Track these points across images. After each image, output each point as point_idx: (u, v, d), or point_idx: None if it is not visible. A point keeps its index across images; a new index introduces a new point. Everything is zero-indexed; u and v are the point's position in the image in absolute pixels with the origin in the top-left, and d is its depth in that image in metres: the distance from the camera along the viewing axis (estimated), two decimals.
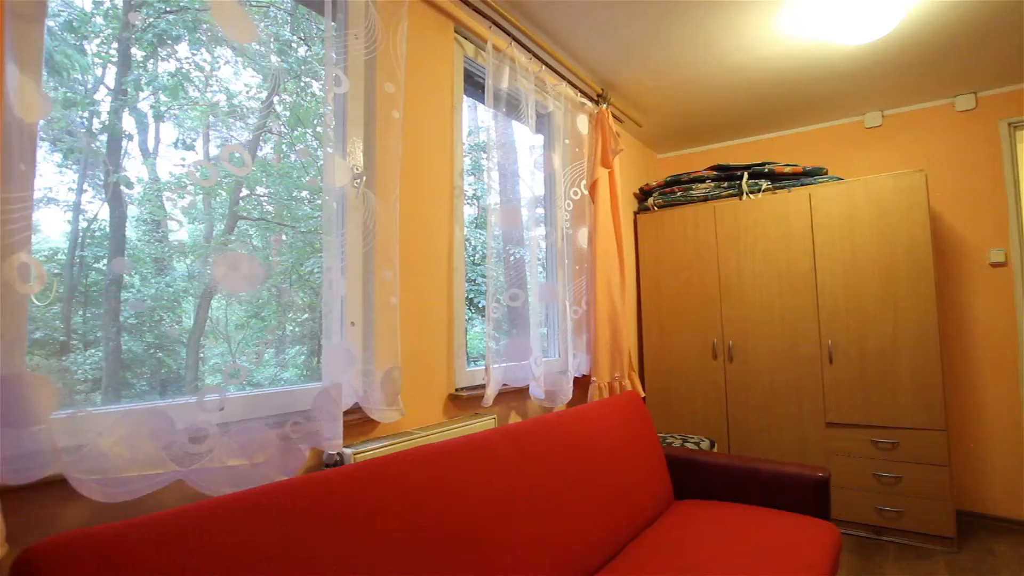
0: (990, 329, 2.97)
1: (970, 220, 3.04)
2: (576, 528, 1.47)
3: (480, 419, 1.81)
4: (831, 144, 3.46)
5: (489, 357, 1.86)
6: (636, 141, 3.65)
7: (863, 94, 3.06)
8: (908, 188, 2.68)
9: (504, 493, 1.32)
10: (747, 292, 3.07)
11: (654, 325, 3.37)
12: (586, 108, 2.62)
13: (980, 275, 3.00)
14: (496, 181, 2.09)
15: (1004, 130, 2.98)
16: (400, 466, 1.14)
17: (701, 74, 2.74)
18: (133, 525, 0.77)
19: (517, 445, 1.47)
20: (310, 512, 0.94)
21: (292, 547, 0.89)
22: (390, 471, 1.11)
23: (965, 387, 3.02)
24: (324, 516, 0.96)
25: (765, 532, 1.66)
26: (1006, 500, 2.89)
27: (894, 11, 2.15)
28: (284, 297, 1.63)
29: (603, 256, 2.50)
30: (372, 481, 1.06)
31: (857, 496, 2.75)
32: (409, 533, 1.06)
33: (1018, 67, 2.75)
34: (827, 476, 1.88)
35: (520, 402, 2.17)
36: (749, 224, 3.08)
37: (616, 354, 2.53)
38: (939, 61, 2.67)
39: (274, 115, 1.64)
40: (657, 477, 1.98)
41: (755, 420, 3.02)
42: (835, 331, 2.83)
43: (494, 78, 2.00)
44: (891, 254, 2.70)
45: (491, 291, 1.91)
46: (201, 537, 0.81)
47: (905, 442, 2.65)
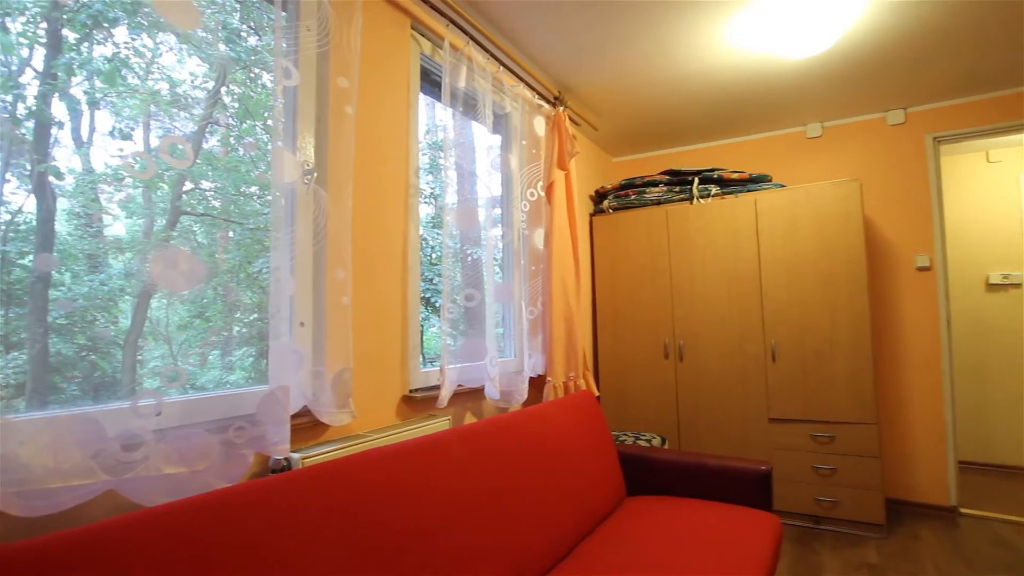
0: (916, 329, 3.18)
1: (899, 227, 3.25)
2: (531, 527, 1.48)
3: (435, 420, 1.80)
4: (775, 152, 3.63)
5: (444, 357, 1.84)
6: (592, 144, 3.71)
7: (805, 106, 3.22)
8: (844, 196, 2.84)
9: (458, 494, 1.31)
10: (697, 294, 3.17)
11: (609, 325, 3.43)
12: (543, 110, 2.64)
13: (907, 279, 3.22)
14: (454, 180, 2.08)
15: (929, 144, 3.20)
16: (350, 470, 1.11)
17: (654, 81, 2.81)
18: (55, 540, 0.73)
19: (471, 446, 1.46)
20: (254, 520, 0.91)
21: (233, 557, 0.86)
22: (340, 475, 1.08)
23: (893, 383, 3.23)
24: (269, 523, 0.92)
25: (711, 524, 1.72)
26: (929, 488, 3.11)
27: (833, 28, 2.28)
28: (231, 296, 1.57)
29: (559, 257, 2.53)
30: (320, 486, 1.04)
31: (797, 488, 2.89)
32: (359, 538, 1.04)
33: (942, 87, 2.96)
34: (769, 470, 1.97)
35: (475, 403, 2.17)
36: (699, 228, 3.19)
37: (571, 354, 2.56)
38: (873, 77, 2.84)
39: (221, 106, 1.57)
40: (610, 474, 2.02)
41: (704, 417, 3.12)
42: (778, 331, 2.96)
43: (451, 77, 1.99)
44: (829, 258, 2.86)
45: (447, 291, 1.90)
46: (132, 550, 0.77)
47: (840, 436, 2.80)
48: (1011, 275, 3.90)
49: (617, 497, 2.02)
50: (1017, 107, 3.03)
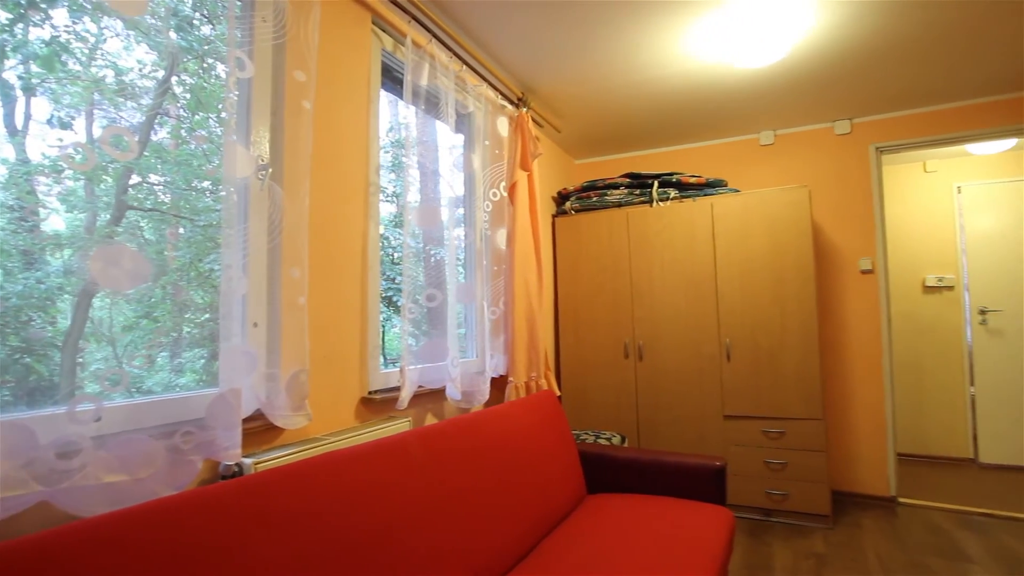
0: (859, 329, 3.35)
1: (844, 232, 3.42)
2: (492, 527, 1.48)
3: (395, 422, 1.77)
4: (730, 158, 3.75)
5: (405, 358, 1.82)
6: (555, 146, 3.75)
7: (758, 114, 3.34)
8: (794, 202, 2.96)
9: (419, 496, 1.30)
10: (656, 295, 3.24)
11: (570, 326, 3.47)
12: (507, 111, 2.65)
13: (852, 281, 3.38)
14: (416, 179, 2.06)
15: (872, 154, 3.38)
16: (305, 474, 1.08)
17: (616, 85, 2.86)
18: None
19: (432, 447, 1.45)
20: (201, 528, 0.87)
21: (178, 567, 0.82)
22: (294, 480, 1.05)
23: (838, 380, 3.39)
24: (217, 531, 0.89)
25: (668, 520, 1.76)
26: (871, 480, 3.28)
27: (784, 41, 2.37)
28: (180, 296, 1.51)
29: (521, 257, 2.54)
30: (273, 491, 1.01)
31: (750, 482, 2.99)
32: (315, 544, 1.01)
33: (885, 100, 3.13)
34: (723, 465, 2.03)
35: (437, 404, 2.15)
36: (659, 230, 3.26)
37: (533, 354, 2.57)
38: (821, 89, 2.98)
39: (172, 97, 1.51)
40: (571, 473, 2.04)
41: (662, 415, 3.20)
42: (733, 331, 3.06)
43: (413, 74, 1.97)
44: (780, 261, 2.97)
45: (408, 291, 1.88)
46: (64, 564, 0.72)
47: (790, 431, 2.92)
48: (945, 278, 4.16)
49: (578, 495, 2.04)
50: (952, 121, 3.23)
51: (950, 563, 2.43)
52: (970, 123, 3.19)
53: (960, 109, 3.21)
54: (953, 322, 4.13)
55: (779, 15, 2.21)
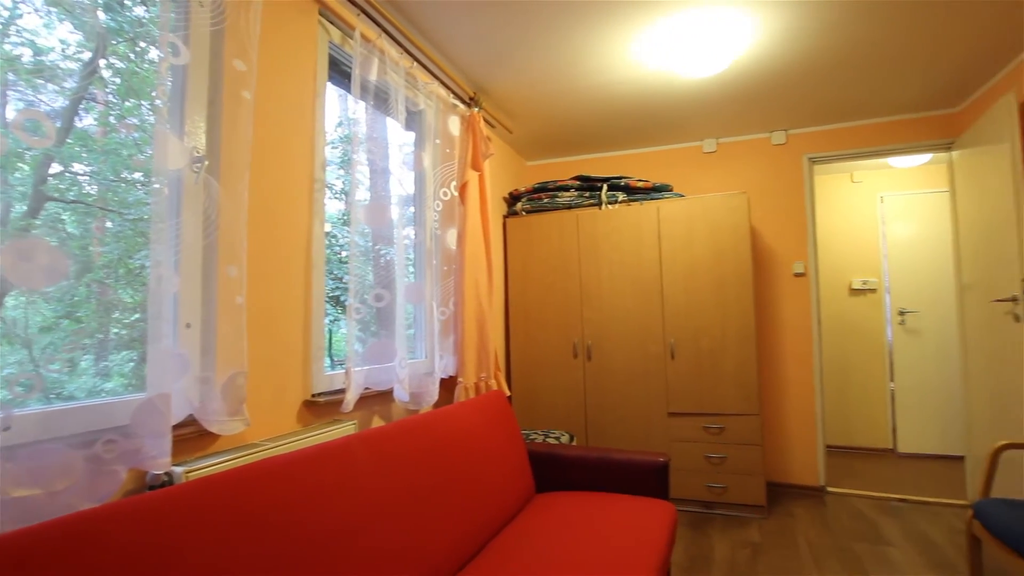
0: (793, 329, 3.54)
1: (779, 237, 3.60)
2: (440, 528, 1.47)
3: (340, 425, 1.73)
4: (676, 164, 3.88)
5: (350, 359, 1.78)
6: (507, 147, 3.76)
7: (702, 123, 3.47)
8: (734, 207, 3.09)
9: (364, 501, 1.27)
10: (605, 295, 3.31)
11: (521, 326, 3.49)
12: (458, 110, 2.63)
13: (786, 284, 3.57)
14: (366, 176, 2.01)
15: (805, 164, 3.58)
16: (241, 482, 1.04)
17: (567, 89, 2.90)
18: None
19: (378, 450, 1.42)
20: (122, 543, 0.82)
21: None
22: (228, 488, 1.01)
23: (773, 378, 3.57)
24: (142, 546, 0.84)
25: (613, 515, 1.80)
26: (802, 471, 3.47)
27: (725, 54, 2.47)
28: (107, 294, 1.41)
29: (471, 258, 2.53)
30: (206, 501, 0.96)
31: (692, 476, 3.11)
32: (251, 555, 0.97)
33: (817, 113, 3.32)
34: (667, 461, 2.10)
35: (384, 406, 2.11)
36: (607, 232, 3.33)
37: (483, 355, 2.57)
38: (760, 101, 3.13)
39: (99, 81, 1.40)
40: (520, 472, 2.05)
41: (610, 413, 3.27)
42: (677, 331, 3.16)
43: (362, 68, 1.92)
44: (721, 264, 3.10)
45: (356, 290, 1.83)
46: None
47: (729, 427, 3.05)
48: (869, 281, 4.46)
49: (527, 494, 2.06)
50: (876, 136, 3.47)
51: (871, 547, 2.61)
52: (892, 138, 3.44)
53: (884, 124, 3.46)
54: (875, 322, 4.44)
55: (721, 28, 2.30)
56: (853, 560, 2.47)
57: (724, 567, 2.41)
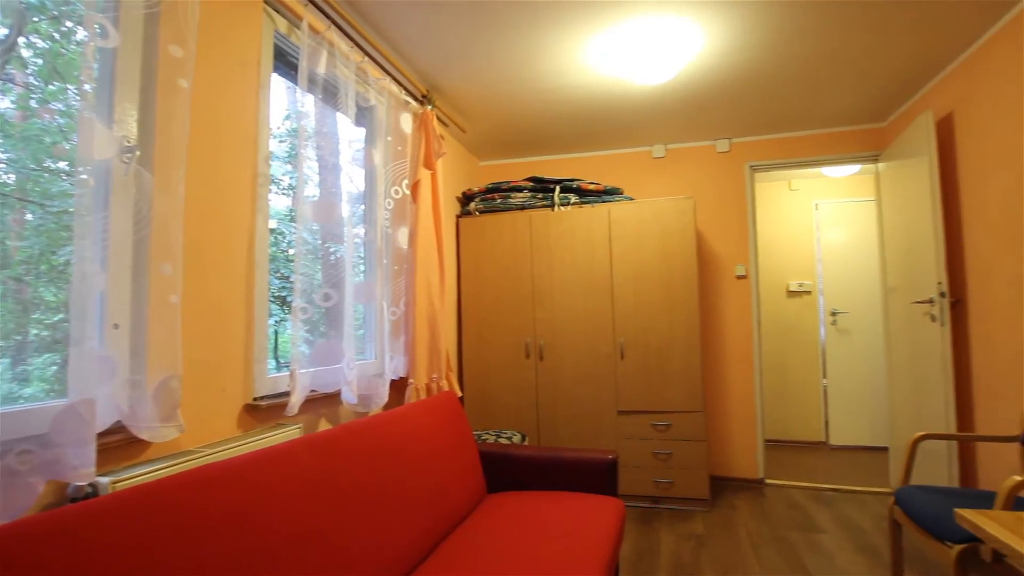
0: (735, 329, 3.69)
1: (723, 241, 3.75)
2: (390, 533, 1.44)
3: (284, 430, 1.66)
4: (626, 168, 3.97)
5: (295, 361, 1.72)
6: (460, 146, 3.74)
7: (651, 129, 3.57)
8: (681, 211, 3.20)
9: (308, 508, 1.23)
10: (557, 296, 3.35)
11: (473, 327, 3.48)
12: (411, 107, 2.59)
13: (729, 285, 3.72)
14: (315, 172, 1.95)
15: (747, 171, 3.74)
16: (173, 492, 0.98)
17: (521, 90, 2.91)
18: None
19: (324, 454, 1.38)
20: (40, 564, 0.76)
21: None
22: (159, 499, 0.95)
23: (716, 375, 3.71)
24: (60, 563, 0.78)
25: (563, 514, 1.82)
26: (743, 464, 3.62)
27: (673, 63, 2.55)
28: (26, 293, 1.31)
29: (423, 257, 2.50)
30: (133, 513, 0.90)
31: (640, 472, 3.18)
32: (185, 571, 0.91)
33: (758, 124, 3.48)
34: (615, 458, 2.14)
35: (332, 408, 2.05)
36: (559, 234, 3.37)
37: (434, 355, 2.54)
38: (705, 110, 3.25)
39: (19, 62, 1.30)
40: (471, 473, 2.04)
41: (561, 412, 3.30)
42: (626, 331, 3.24)
43: (309, 60, 1.86)
44: (668, 265, 3.20)
45: (303, 289, 1.78)
46: None
47: (676, 423, 3.15)
48: (804, 283, 4.71)
49: (478, 495, 2.05)
50: (812, 146, 3.67)
51: (805, 534, 2.75)
52: (826, 149, 3.65)
53: (819, 136, 3.66)
54: (810, 323, 4.70)
55: (670, 37, 2.37)
56: (788, 548, 2.60)
57: (670, 560, 2.49)
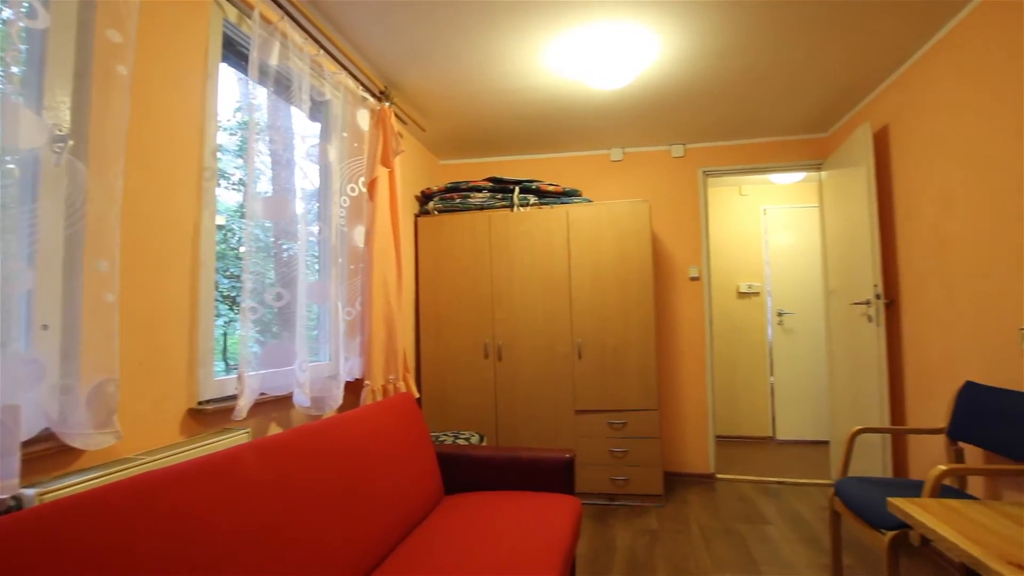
0: (688, 329, 3.80)
1: (677, 243, 3.86)
2: (345, 537, 1.41)
3: (231, 435, 1.60)
4: (585, 170, 4.02)
5: (243, 363, 1.65)
6: (419, 145, 3.70)
7: (609, 132, 3.63)
8: (638, 214, 3.27)
9: (257, 514, 1.18)
10: (515, 296, 3.36)
11: (432, 327, 3.44)
12: (368, 103, 2.55)
13: (683, 286, 3.83)
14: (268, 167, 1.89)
15: (700, 176, 3.86)
16: (106, 503, 0.92)
17: (481, 91, 2.91)
18: None
19: (273, 459, 1.33)
20: None
21: None
22: (91, 511, 0.89)
23: (670, 374, 3.81)
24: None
25: (520, 513, 1.82)
26: (695, 460, 3.73)
27: (630, 69, 2.60)
28: None
29: (380, 256, 2.45)
30: (61, 527, 0.84)
31: (597, 470, 3.23)
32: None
33: (711, 131, 3.59)
34: (572, 457, 2.16)
35: (283, 412, 1.99)
36: (518, 234, 3.38)
37: (391, 356, 2.50)
38: (661, 116, 3.33)
39: None
40: (428, 475, 2.02)
41: (520, 412, 3.32)
42: (584, 331, 3.28)
43: (261, 51, 1.80)
44: (625, 267, 3.26)
45: (251, 288, 1.71)
46: None
47: (631, 422, 3.21)
48: (754, 285, 4.90)
49: (435, 497, 2.03)
50: (761, 154, 3.82)
51: (753, 526, 2.86)
52: (774, 157, 3.81)
53: (767, 144, 3.81)
54: (758, 322, 4.89)
55: (628, 44, 2.42)
56: (738, 540, 2.69)
57: (625, 555, 2.53)
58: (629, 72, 2.62)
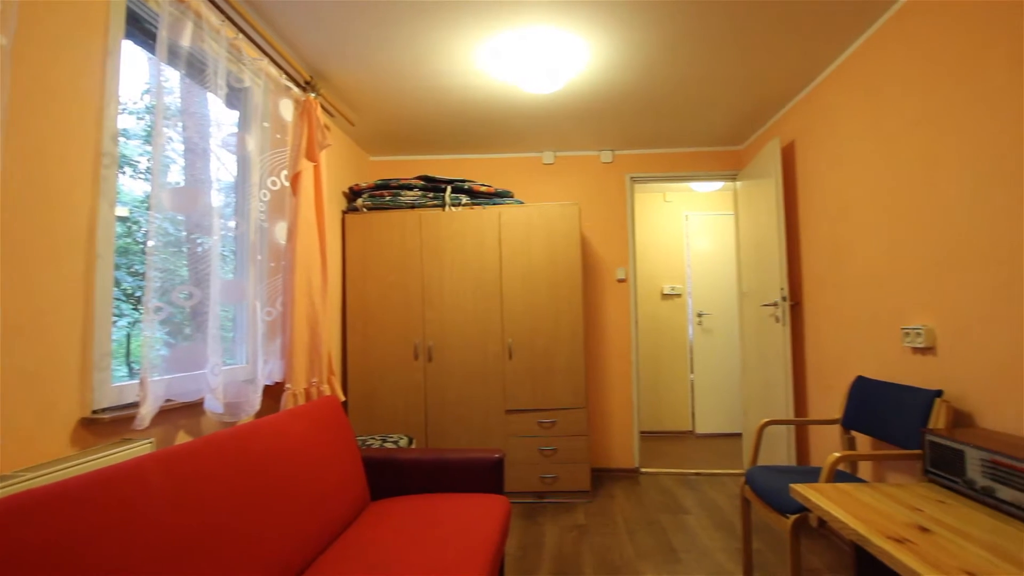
0: (615, 329, 3.93)
1: (605, 246, 3.98)
2: (260, 552, 1.33)
3: (131, 445, 1.47)
4: (518, 172, 4.06)
5: (147, 367, 1.52)
6: (348, 139, 3.58)
7: (542, 136, 3.69)
8: (568, 216, 3.34)
9: (160, 534, 1.09)
10: (446, 296, 3.33)
11: (359, 327, 3.34)
12: (292, 93, 2.43)
13: (610, 288, 3.96)
14: (181, 155, 1.75)
15: (628, 182, 4.01)
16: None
17: (413, 87, 2.86)
18: None
19: (179, 470, 1.23)
20: None
21: None
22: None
23: (598, 373, 3.93)
24: None
25: (448, 516, 1.80)
26: (621, 455, 3.87)
27: (560, 75, 2.65)
28: None
29: (304, 254, 2.35)
30: None
31: (526, 469, 3.27)
32: None
33: (639, 138, 3.73)
34: (501, 457, 2.17)
35: (192, 419, 1.85)
36: (450, 234, 3.35)
37: (315, 358, 2.40)
38: (591, 121, 3.42)
39: None
40: (353, 481, 1.96)
41: (450, 413, 3.29)
42: (515, 331, 3.31)
43: (170, 30, 1.67)
44: (555, 268, 3.32)
45: (158, 287, 1.58)
46: None
47: (560, 420, 3.27)
48: (676, 287, 5.15)
49: (361, 503, 1.97)
50: (683, 162, 4.02)
51: (673, 516, 3.01)
52: (695, 166, 4.02)
53: (689, 154, 4.02)
54: (680, 323, 5.15)
55: (559, 49, 2.47)
56: (659, 529, 2.81)
57: (553, 552, 2.58)
58: (561, 78, 2.67)
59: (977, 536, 1.21)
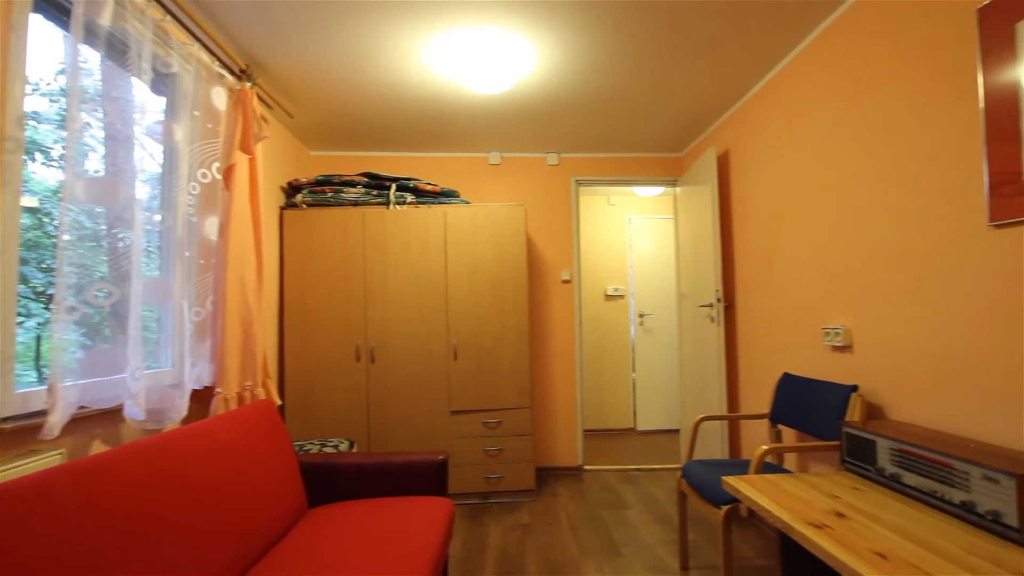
0: (560, 330, 3.99)
1: (550, 247, 4.03)
2: (182, 566, 1.25)
3: (37, 457, 1.35)
4: (464, 172, 4.04)
5: (57, 371, 1.40)
6: (287, 132, 3.44)
7: (488, 136, 3.69)
8: (514, 217, 3.35)
9: (71, 553, 1.00)
10: (390, 296, 3.26)
11: (298, 328, 3.22)
12: (225, 81, 2.31)
13: (555, 289, 4.01)
14: (100, 143, 1.62)
15: (573, 184, 4.07)
16: None
17: (357, 81, 2.78)
18: None
19: (92, 482, 1.14)
20: None
21: None
22: None
23: (543, 372, 3.97)
24: None
25: (389, 520, 1.77)
26: (565, 454, 3.92)
27: (506, 76, 2.66)
28: None
29: (237, 251, 2.23)
30: None
31: (471, 470, 3.25)
32: None
33: (584, 142, 3.80)
34: (445, 459, 2.15)
35: (110, 428, 1.72)
36: (394, 233, 3.29)
37: (248, 360, 2.29)
38: (538, 124, 3.45)
39: None
40: (289, 488, 1.88)
41: (394, 415, 3.23)
42: (460, 332, 3.29)
43: (87, 8, 1.54)
44: (500, 268, 3.33)
45: (71, 284, 1.46)
46: None
47: (506, 420, 3.28)
48: (619, 288, 5.29)
49: (298, 510, 1.89)
50: (626, 167, 4.13)
51: (615, 511, 3.08)
52: (638, 171, 4.14)
53: (632, 159, 4.14)
54: (622, 323, 5.29)
55: (505, 50, 2.47)
56: (601, 526, 2.88)
57: (497, 552, 2.58)
58: (507, 79, 2.68)
59: (887, 520, 1.31)
